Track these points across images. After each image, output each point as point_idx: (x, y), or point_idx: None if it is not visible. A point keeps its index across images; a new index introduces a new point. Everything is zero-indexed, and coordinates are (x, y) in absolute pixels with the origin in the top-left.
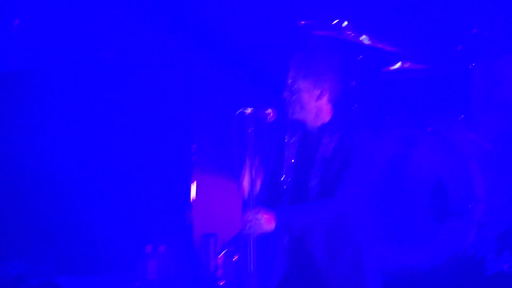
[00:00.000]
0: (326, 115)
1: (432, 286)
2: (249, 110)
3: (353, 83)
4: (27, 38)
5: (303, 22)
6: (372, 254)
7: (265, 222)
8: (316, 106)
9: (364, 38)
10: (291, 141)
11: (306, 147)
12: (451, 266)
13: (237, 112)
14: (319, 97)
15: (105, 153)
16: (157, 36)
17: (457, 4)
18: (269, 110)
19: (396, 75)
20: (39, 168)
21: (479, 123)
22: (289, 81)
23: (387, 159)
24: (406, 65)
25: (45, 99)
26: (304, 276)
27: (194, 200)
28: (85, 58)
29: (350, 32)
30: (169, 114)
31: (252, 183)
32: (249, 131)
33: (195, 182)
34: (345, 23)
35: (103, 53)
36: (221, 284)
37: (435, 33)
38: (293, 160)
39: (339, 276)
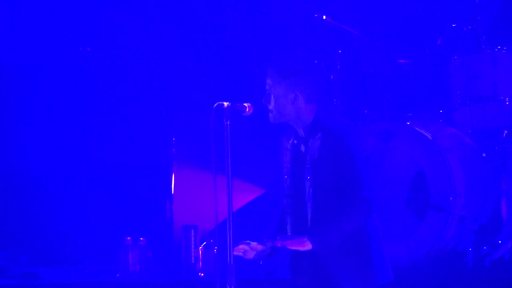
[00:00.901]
0: (308, 116)
1: (412, 280)
2: (226, 104)
3: (332, 78)
4: (5, 31)
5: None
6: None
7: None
8: (294, 109)
9: (343, 30)
10: (287, 146)
11: (298, 149)
12: (431, 260)
13: (215, 105)
14: (294, 101)
15: (85, 146)
16: (137, 29)
17: None
18: (247, 104)
19: (375, 68)
20: (20, 162)
21: (459, 117)
22: (266, 88)
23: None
24: (386, 58)
25: (22, 92)
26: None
27: (174, 192)
28: (65, 52)
29: (330, 25)
30: (149, 107)
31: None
32: (226, 124)
33: (175, 174)
34: (324, 17)
35: (82, 47)
36: (201, 275)
37: (415, 26)
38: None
39: (347, 270)
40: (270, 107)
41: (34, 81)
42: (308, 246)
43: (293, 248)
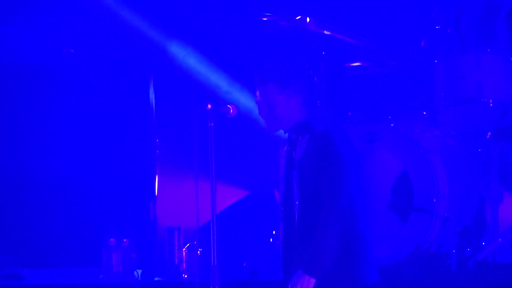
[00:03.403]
0: (300, 117)
1: (396, 282)
2: (210, 106)
3: (316, 80)
4: None
5: (266, 18)
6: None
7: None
8: (294, 113)
9: (327, 33)
10: (283, 154)
11: (291, 155)
12: (414, 262)
13: (199, 107)
14: (296, 105)
15: (68, 147)
16: (119, 31)
17: (420, 0)
18: (230, 106)
19: (359, 70)
20: (1, 164)
21: (442, 119)
22: (258, 99)
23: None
24: (370, 60)
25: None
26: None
27: (158, 194)
28: (51, 54)
29: (313, 27)
30: (132, 108)
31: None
32: (210, 125)
33: (159, 175)
34: (308, 19)
35: (66, 48)
36: (184, 277)
37: (399, 28)
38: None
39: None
40: (267, 117)
41: (17, 81)
42: (312, 281)
43: None
